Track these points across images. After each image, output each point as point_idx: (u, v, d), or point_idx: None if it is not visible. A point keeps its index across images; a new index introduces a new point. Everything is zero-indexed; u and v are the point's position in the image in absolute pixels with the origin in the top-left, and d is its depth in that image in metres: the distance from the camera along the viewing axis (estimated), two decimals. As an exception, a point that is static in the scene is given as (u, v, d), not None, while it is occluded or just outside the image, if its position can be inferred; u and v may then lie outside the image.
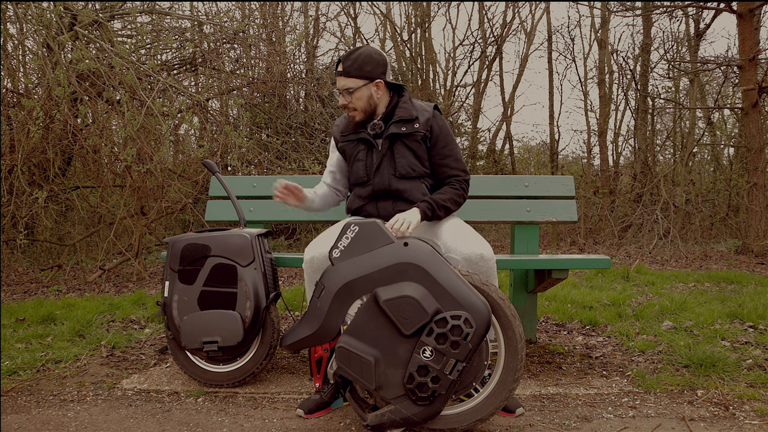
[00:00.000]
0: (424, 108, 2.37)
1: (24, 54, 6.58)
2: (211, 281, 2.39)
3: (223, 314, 2.36)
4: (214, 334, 2.35)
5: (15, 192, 5.14)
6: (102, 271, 5.47)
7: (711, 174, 10.94)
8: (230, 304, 2.37)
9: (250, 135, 7.40)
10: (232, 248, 2.40)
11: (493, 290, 1.92)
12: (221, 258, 2.40)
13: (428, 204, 2.28)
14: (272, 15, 8.02)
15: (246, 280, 2.37)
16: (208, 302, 2.39)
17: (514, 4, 11.70)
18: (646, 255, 7.31)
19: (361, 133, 2.37)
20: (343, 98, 2.34)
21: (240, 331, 2.33)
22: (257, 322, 2.36)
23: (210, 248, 2.41)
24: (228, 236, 2.41)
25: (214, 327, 2.35)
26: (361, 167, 2.38)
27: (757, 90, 7.39)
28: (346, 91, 2.32)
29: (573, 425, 2.02)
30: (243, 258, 2.39)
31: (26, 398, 2.35)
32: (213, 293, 2.39)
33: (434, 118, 2.36)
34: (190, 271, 2.42)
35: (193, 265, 2.42)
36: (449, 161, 2.37)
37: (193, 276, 2.41)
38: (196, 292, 2.40)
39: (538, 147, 14.26)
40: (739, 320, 3.34)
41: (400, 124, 2.32)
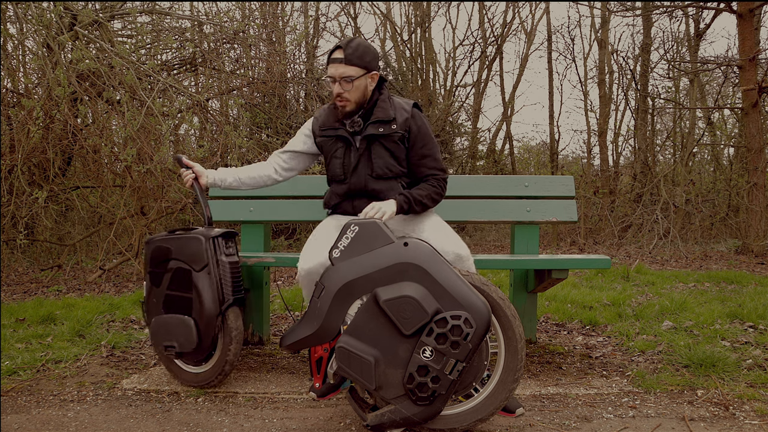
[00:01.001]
0: (402, 107, 2.32)
1: (24, 54, 6.58)
2: (173, 285, 2.38)
3: (179, 319, 2.33)
4: (172, 339, 2.35)
5: (15, 192, 5.14)
6: (102, 271, 5.47)
7: (711, 174, 10.94)
8: (187, 309, 2.34)
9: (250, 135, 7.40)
10: (188, 252, 2.35)
11: (493, 290, 1.92)
12: (180, 262, 2.36)
13: (405, 198, 2.26)
14: (272, 15, 8.02)
15: (199, 286, 2.31)
16: (170, 306, 2.38)
17: (514, 4, 11.70)
18: (646, 255, 7.31)
19: (339, 130, 2.34)
20: (340, 86, 2.26)
21: (194, 337, 2.30)
22: (210, 329, 2.31)
23: (171, 251, 2.39)
24: (185, 239, 2.36)
25: (173, 331, 2.35)
26: (338, 165, 2.35)
27: (757, 90, 7.39)
28: (345, 79, 2.24)
29: (573, 425, 2.02)
30: (196, 262, 2.33)
31: (26, 398, 2.35)
32: (174, 297, 2.37)
33: (413, 118, 2.31)
34: (157, 274, 2.42)
35: (159, 267, 2.41)
36: (427, 161, 2.34)
37: (160, 279, 2.41)
38: (162, 295, 2.40)
39: (538, 147, 14.26)
40: (739, 320, 3.34)
41: (378, 125, 2.29)
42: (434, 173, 2.35)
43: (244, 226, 3.11)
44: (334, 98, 2.30)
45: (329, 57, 2.29)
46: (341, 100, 2.28)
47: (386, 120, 2.28)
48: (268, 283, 3.14)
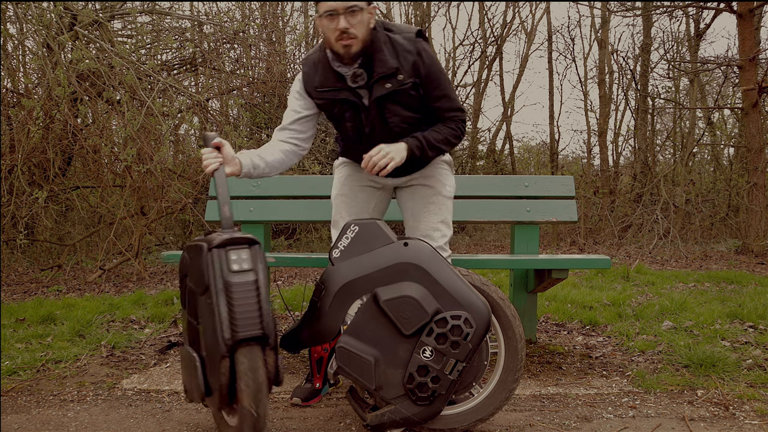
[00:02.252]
0: (405, 48, 1.98)
1: (24, 54, 6.58)
2: (189, 309, 1.81)
3: (189, 355, 1.78)
4: (184, 378, 1.86)
5: (15, 192, 5.14)
6: (102, 271, 5.47)
7: (711, 174, 10.94)
8: (197, 343, 1.77)
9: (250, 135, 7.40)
10: (194, 267, 1.75)
11: (493, 290, 1.92)
12: (190, 280, 1.79)
13: (418, 142, 2.01)
14: (272, 15, 8.02)
15: (200, 314, 1.72)
16: (189, 336, 1.85)
17: (514, 4, 11.70)
18: (646, 255, 7.31)
19: (342, 91, 2.02)
20: (345, 21, 1.90)
21: (200, 380, 1.72)
22: (213, 374, 1.68)
23: (187, 265, 1.83)
24: (192, 247, 1.78)
25: (185, 369, 1.85)
26: (349, 129, 2.10)
27: (757, 90, 7.39)
28: (350, 11, 1.89)
29: (573, 425, 2.02)
30: (198, 282, 1.71)
31: (26, 398, 2.35)
32: (191, 325, 1.82)
33: (419, 56, 1.99)
34: (182, 291, 1.88)
35: (182, 283, 1.87)
36: (442, 102, 2.06)
37: (185, 298, 1.86)
38: (186, 320, 1.86)
39: (538, 147, 14.26)
40: (739, 320, 3.34)
41: (384, 81, 1.97)
42: (451, 115, 2.08)
43: (244, 226, 3.11)
44: (336, 38, 1.92)
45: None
46: (347, 37, 1.91)
47: (390, 73, 1.97)
48: (268, 283, 3.14)
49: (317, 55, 2.07)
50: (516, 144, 13.83)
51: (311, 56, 2.09)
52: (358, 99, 2.02)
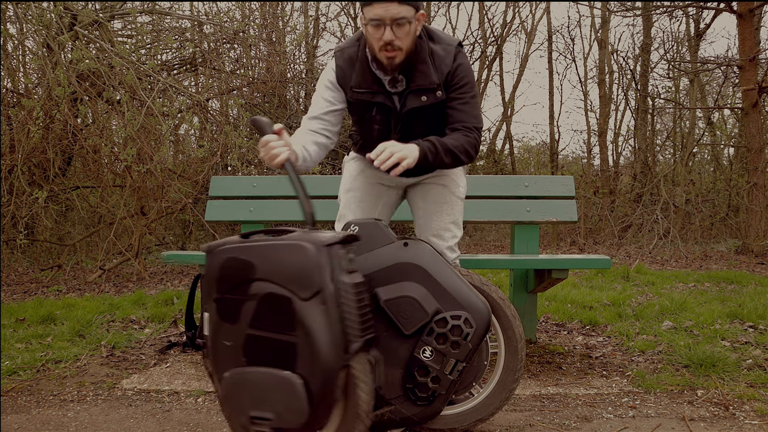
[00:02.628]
0: (443, 60, 1.91)
1: (24, 54, 6.59)
2: (261, 321, 1.51)
3: (278, 377, 1.49)
4: (265, 407, 1.50)
5: (15, 192, 5.14)
6: (102, 271, 5.47)
7: (711, 174, 10.95)
8: (287, 360, 1.49)
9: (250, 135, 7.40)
10: (287, 269, 1.49)
11: (493, 290, 1.92)
12: (272, 284, 1.50)
13: (431, 145, 1.84)
14: (272, 15, 8.02)
15: (307, 323, 1.47)
16: (257, 354, 1.52)
17: (514, 4, 11.69)
18: (646, 255, 7.31)
19: (378, 95, 1.94)
20: (391, 32, 1.79)
21: (303, 405, 1.46)
22: (329, 391, 1.48)
23: (255, 267, 1.53)
24: (280, 248, 1.52)
25: (267, 395, 1.50)
26: (374, 131, 2.02)
27: (757, 90, 7.39)
28: (398, 22, 1.78)
29: (573, 425, 2.02)
30: (302, 286, 1.48)
31: (26, 398, 2.35)
32: (264, 341, 1.51)
33: (454, 68, 1.92)
34: (232, 302, 1.56)
35: (234, 292, 1.56)
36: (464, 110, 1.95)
37: (236, 310, 1.55)
38: (241, 336, 1.54)
39: (538, 147, 14.25)
40: (739, 320, 3.34)
41: (420, 94, 1.90)
42: (468, 125, 1.95)
43: (244, 226, 3.11)
44: (380, 48, 1.83)
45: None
46: (392, 49, 1.82)
47: (430, 88, 1.90)
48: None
49: (354, 50, 1.96)
50: (516, 144, 13.83)
51: (347, 49, 1.98)
52: (393, 104, 1.95)
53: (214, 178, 3.19)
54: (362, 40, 1.95)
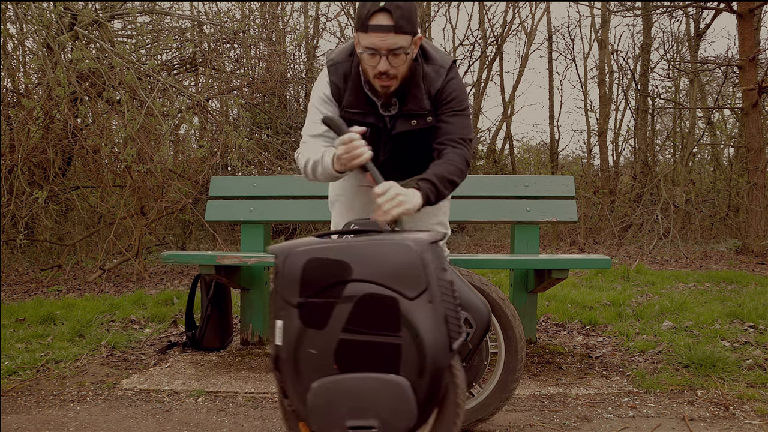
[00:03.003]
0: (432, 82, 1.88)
1: (24, 54, 6.59)
2: (358, 323, 1.46)
3: (379, 381, 1.44)
4: (367, 415, 1.44)
5: (15, 192, 5.14)
6: (102, 271, 5.47)
7: (711, 174, 10.95)
8: (391, 363, 1.45)
9: (250, 135, 7.40)
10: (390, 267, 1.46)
11: (493, 290, 1.93)
12: (371, 284, 1.46)
13: (431, 186, 1.76)
14: (272, 15, 8.02)
15: (415, 323, 1.43)
16: (352, 359, 1.46)
17: (514, 4, 11.69)
18: (646, 255, 7.31)
19: (369, 116, 1.90)
20: (386, 63, 1.73)
21: (411, 408, 1.42)
22: (436, 391, 1.45)
23: (350, 267, 1.47)
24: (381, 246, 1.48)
25: (367, 402, 1.44)
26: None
27: (757, 90, 7.39)
28: (394, 52, 1.72)
29: (573, 425, 2.02)
30: (408, 284, 1.45)
31: (26, 398, 2.35)
32: (360, 344, 1.46)
33: (443, 86, 1.88)
34: (318, 306, 1.48)
35: (323, 295, 1.48)
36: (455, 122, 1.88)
37: (325, 314, 1.48)
38: (332, 342, 1.47)
39: (538, 147, 14.25)
40: (739, 320, 3.34)
41: (410, 118, 1.87)
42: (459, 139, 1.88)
43: (244, 226, 3.11)
44: (375, 75, 1.78)
45: (366, 22, 1.71)
46: (387, 78, 1.77)
47: (421, 114, 1.87)
48: (268, 283, 3.14)
49: (347, 66, 1.90)
50: (516, 144, 13.83)
51: (341, 64, 1.91)
52: (384, 125, 1.91)
53: (214, 178, 3.19)
54: (355, 56, 1.89)
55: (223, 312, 3.04)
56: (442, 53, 1.94)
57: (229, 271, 2.71)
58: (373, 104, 1.89)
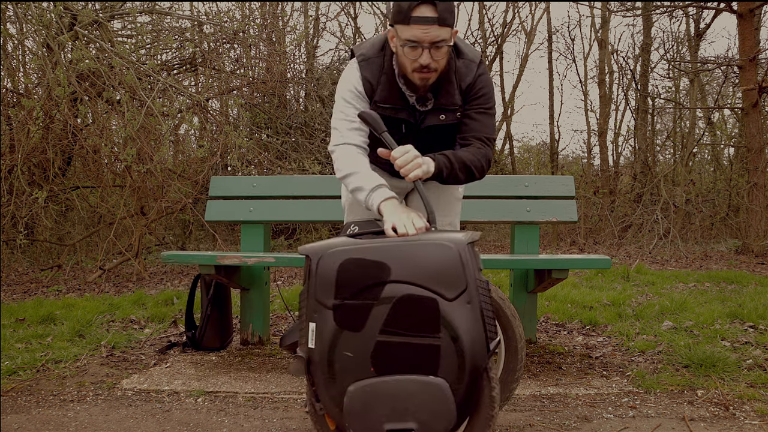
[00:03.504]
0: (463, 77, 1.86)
1: (24, 54, 6.59)
2: (394, 325, 1.45)
3: (418, 383, 1.44)
4: (406, 417, 1.44)
5: (15, 192, 5.14)
6: (102, 271, 5.47)
7: (711, 174, 10.94)
8: (429, 364, 1.44)
9: (250, 135, 7.40)
10: (429, 268, 1.46)
11: (493, 290, 1.92)
12: (411, 285, 1.45)
13: (447, 161, 1.76)
14: (272, 15, 8.02)
15: (455, 324, 1.44)
16: (389, 362, 1.46)
17: (514, 4, 11.69)
18: (646, 255, 7.31)
19: (401, 111, 1.88)
20: (428, 56, 1.70)
21: (450, 409, 1.43)
22: (474, 392, 1.48)
23: (388, 268, 1.46)
24: (419, 247, 1.48)
25: (406, 405, 1.44)
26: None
27: (757, 90, 7.39)
28: (437, 45, 1.70)
29: (573, 425, 2.02)
30: (447, 285, 1.45)
31: (26, 398, 2.35)
32: (398, 346, 1.45)
33: (473, 82, 1.87)
34: (355, 308, 1.47)
35: (360, 297, 1.47)
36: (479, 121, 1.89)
37: (362, 316, 1.47)
38: (369, 344, 1.46)
39: (538, 147, 14.25)
40: (739, 320, 3.34)
41: (440, 112, 1.86)
42: (483, 138, 1.89)
43: (244, 226, 3.11)
44: (414, 69, 1.75)
45: (408, 14, 1.67)
46: (427, 71, 1.74)
47: (451, 108, 1.86)
48: (268, 283, 3.14)
49: (380, 61, 1.86)
50: (516, 144, 13.83)
51: (373, 59, 1.87)
52: (414, 119, 1.89)
53: (214, 178, 3.19)
54: (387, 50, 1.87)
55: (223, 312, 3.04)
56: (470, 47, 1.94)
57: (229, 271, 2.71)
58: (405, 99, 1.87)
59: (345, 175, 1.84)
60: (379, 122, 1.70)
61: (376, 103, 1.88)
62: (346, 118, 1.88)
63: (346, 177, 1.84)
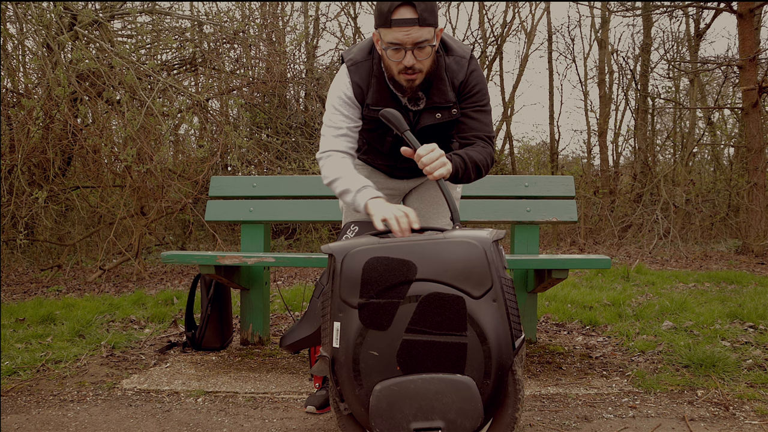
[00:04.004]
0: (456, 74, 1.86)
1: (24, 54, 6.59)
2: (421, 323, 1.45)
3: (446, 381, 1.43)
4: (432, 416, 1.43)
5: (15, 192, 5.14)
6: (102, 271, 5.47)
7: (711, 174, 10.94)
8: (456, 363, 1.44)
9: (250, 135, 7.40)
10: (455, 266, 1.45)
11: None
12: (437, 284, 1.45)
13: (461, 162, 1.76)
14: (272, 15, 8.02)
15: (481, 321, 1.44)
16: (415, 360, 1.45)
17: (514, 4, 11.69)
18: (646, 255, 7.31)
19: None
20: (412, 57, 1.70)
21: (477, 407, 1.43)
22: (501, 390, 1.47)
23: (414, 266, 1.46)
24: (445, 245, 1.48)
25: (433, 403, 1.43)
26: (388, 144, 1.96)
27: (757, 90, 7.39)
28: (419, 46, 1.69)
29: (573, 425, 2.02)
30: (474, 283, 1.45)
31: (26, 398, 2.35)
32: (424, 345, 1.45)
33: (465, 79, 1.86)
34: (381, 307, 1.46)
35: (385, 295, 1.46)
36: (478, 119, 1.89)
37: (388, 315, 1.46)
38: (395, 343, 1.46)
39: (538, 147, 14.25)
40: (739, 320, 3.34)
41: (434, 111, 1.86)
42: (483, 136, 1.90)
43: (244, 226, 3.12)
44: (400, 71, 1.76)
45: (388, 17, 1.67)
46: (412, 72, 1.75)
47: (446, 106, 1.86)
48: (268, 283, 3.14)
49: (368, 65, 1.87)
50: (516, 144, 13.83)
51: (362, 63, 1.87)
52: (408, 120, 1.88)
53: (214, 178, 3.19)
54: (375, 53, 1.88)
55: (223, 312, 3.04)
56: (459, 43, 1.93)
57: (228, 271, 2.71)
58: (397, 100, 1.87)
59: (331, 181, 1.85)
60: (401, 121, 1.70)
61: (368, 106, 1.88)
62: (333, 125, 1.90)
63: (332, 182, 1.85)
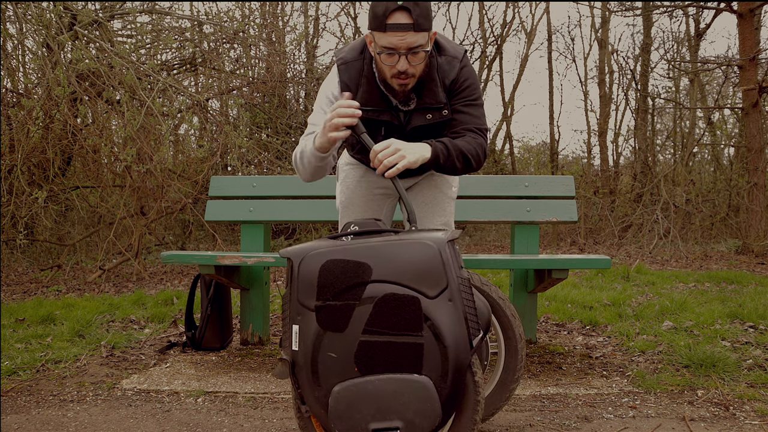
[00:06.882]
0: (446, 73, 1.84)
1: (24, 54, 6.58)
2: (377, 325, 1.46)
3: (403, 382, 1.45)
4: (391, 416, 1.45)
5: (15, 192, 5.14)
6: (102, 271, 5.47)
7: (711, 174, 10.94)
8: (413, 363, 1.46)
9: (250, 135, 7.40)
10: (410, 267, 1.47)
11: (493, 290, 1.92)
12: (392, 284, 1.47)
13: (444, 147, 1.72)
14: (272, 15, 8.02)
15: (437, 321, 1.45)
16: (373, 361, 1.47)
17: (514, 4, 11.69)
18: (646, 255, 7.31)
19: (384, 113, 1.86)
20: (405, 61, 1.69)
21: (435, 407, 1.44)
22: (459, 389, 1.48)
23: (370, 268, 1.48)
24: (399, 246, 1.49)
25: (391, 404, 1.45)
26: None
27: (757, 90, 7.39)
28: (413, 51, 1.68)
29: (573, 425, 2.02)
30: (430, 283, 1.47)
31: (26, 398, 2.35)
32: (381, 345, 1.46)
33: (456, 76, 1.84)
34: (337, 309, 1.48)
35: (342, 297, 1.48)
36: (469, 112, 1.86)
37: (345, 317, 1.48)
38: (352, 345, 1.47)
39: (538, 147, 14.25)
40: (739, 320, 3.34)
41: (425, 112, 1.84)
42: (475, 128, 1.85)
43: (244, 226, 3.11)
44: (393, 75, 1.74)
45: (383, 21, 1.65)
46: (405, 77, 1.73)
47: (437, 107, 1.84)
48: (268, 283, 3.14)
49: (359, 64, 1.85)
50: (516, 144, 13.84)
51: (352, 63, 1.86)
52: (398, 121, 1.87)
53: (214, 178, 3.19)
54: (366, 53, 1.86)
55: (222, 312, 3.04)
56: (454, 44, 1.91)
57: (228, 271, 2.71)
58: (387, 101, 1.86)
59: (295, 158, 1.86)
60: (358, 124, 1.68)
61: (361, 107, 1.84)
62: (314, 123, 1.89)
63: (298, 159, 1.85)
